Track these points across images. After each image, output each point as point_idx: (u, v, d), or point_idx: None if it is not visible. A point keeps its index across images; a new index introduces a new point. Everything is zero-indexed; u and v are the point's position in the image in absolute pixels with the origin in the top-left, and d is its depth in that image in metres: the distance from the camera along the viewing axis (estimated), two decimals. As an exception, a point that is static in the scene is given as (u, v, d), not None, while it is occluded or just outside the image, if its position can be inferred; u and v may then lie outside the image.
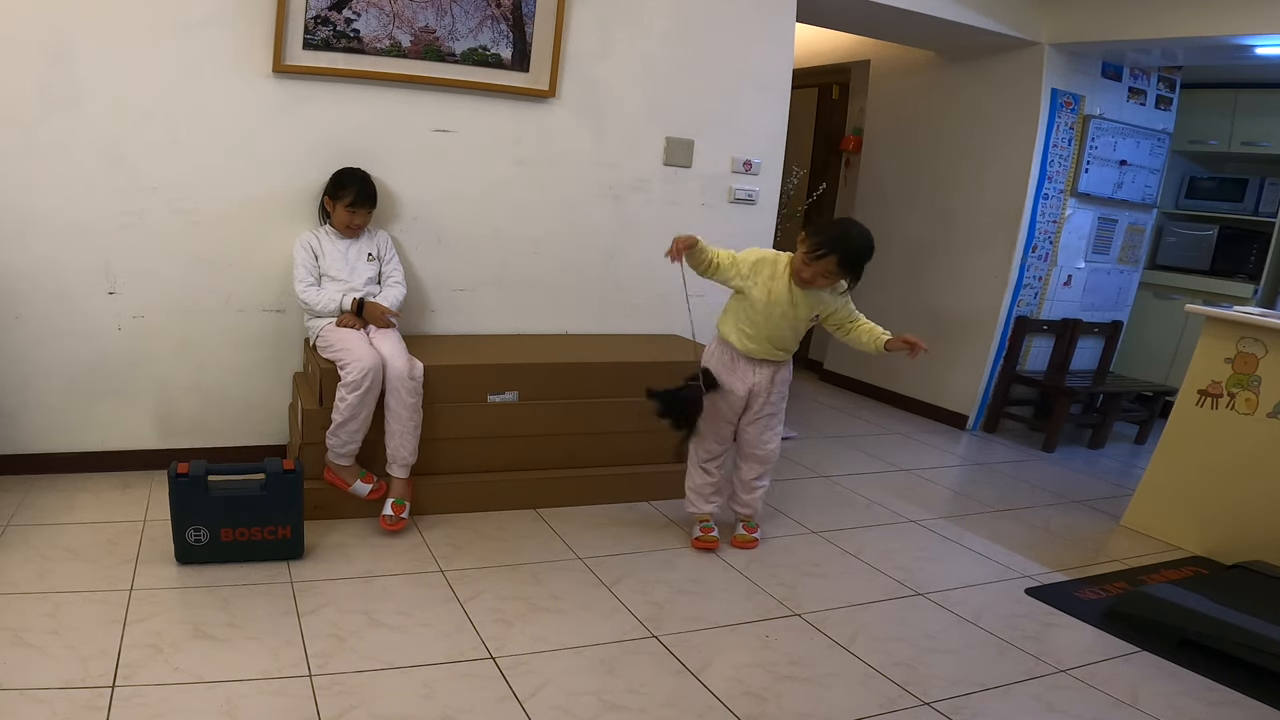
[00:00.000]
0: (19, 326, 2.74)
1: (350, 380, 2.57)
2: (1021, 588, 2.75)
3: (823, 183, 5.45)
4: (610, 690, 1.99)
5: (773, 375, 2.72)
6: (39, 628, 1.99)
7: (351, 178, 2.84)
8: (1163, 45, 4.01)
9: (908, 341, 2.55)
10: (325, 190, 2.87)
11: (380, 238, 2.98)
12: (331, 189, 2.85)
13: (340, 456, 2.67)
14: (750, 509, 2.88)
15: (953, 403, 4.75)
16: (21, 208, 2.66)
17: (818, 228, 2.51)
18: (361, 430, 2.65)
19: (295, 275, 2.82)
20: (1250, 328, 3.11)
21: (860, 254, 2.48)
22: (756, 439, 2.79)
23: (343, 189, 2.82)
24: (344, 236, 2.88)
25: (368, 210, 2.87)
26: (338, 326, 2.76)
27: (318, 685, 1.88)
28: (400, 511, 2.69)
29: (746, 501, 2.87)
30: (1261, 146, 4.90)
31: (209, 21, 2.72)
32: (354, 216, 2.84)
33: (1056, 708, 2.09)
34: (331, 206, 2.86)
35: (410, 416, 2.69)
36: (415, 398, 2.69)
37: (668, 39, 3.38)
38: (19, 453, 2.83)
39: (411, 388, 2.68)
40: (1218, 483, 3.15)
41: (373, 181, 2.88)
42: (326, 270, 2.85)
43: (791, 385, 2.85)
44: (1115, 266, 4.90)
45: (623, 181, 3.44)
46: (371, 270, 2.92)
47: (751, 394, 2.73)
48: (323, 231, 2.89)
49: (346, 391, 2.58)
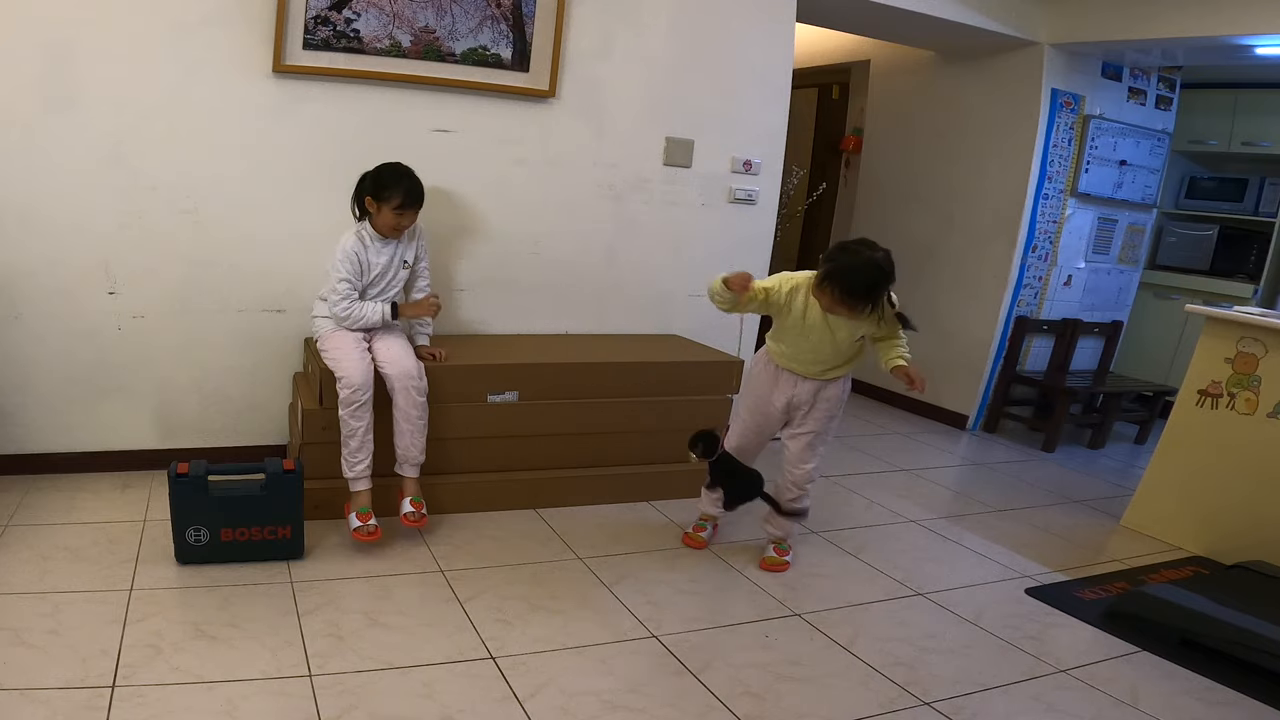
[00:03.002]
0: (19, 326, 2.74)
1: (341, 399, 2.55)
2: (1021, 588, 2.75)
3: (823, 183, 5.44)
4: (610, 690, 1.99)
5: (816, 391, 2.60)
6: (39, 628, 1.99)
7: (397, 177, 2.62)
8: (1163, 45, 4.01)
9: (909, 375, 2.47)
10: (364, 188, 2.67)
11: (419, 239, 2.83)
12: (374, 189, 2.63)
13: (351, 474, 2.61)
14: (782, 531, 2.75)
15: (953, 403, 4.75)
16: (21, 208, 2.66)
17: (828, 255, 2.39)
18: (363, 448, 2.59)
19: (333, 287, 2.63)
20: (1250, 328, 3.11)
21: (863, 287, 2.31)
22: (796, 457, 2.66)
23: (388, 190, 2.60)
24: (387, 241, 2.71)
25: (416, 211, 2.68)
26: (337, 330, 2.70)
27: (318, 685, 1.88)
28: (420, 508, 2.65)
29: (779, 523, 2.75)
30: (1261, 146, 4.90)
31: (209, 21, 2.71)
32: (402, 219, 2.64)
33: (1056, 708, 2.09)
34: (375, 208, 2.63)
35: (419, 416, 2.66)
36: (423, 397, 2.67)
37: (668, 39, 3.38)
38: (19, 453, 2.83)
39: (420, 388, 2.65)
40: (1218, 483, 3.15)
41: (418, 177, 2.67)
42: (367, 282, 2.69)
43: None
44: (1115, 266, 4.90)
45: (623, 181, 3.44)
46: (402, 282, 2.81)
47: (790, 407, 2.63)
48: (366, 235, 2.68)
49: (340, 410, 2.57)
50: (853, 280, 2.31)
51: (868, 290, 2.33)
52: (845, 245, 2.39)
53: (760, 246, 3.77)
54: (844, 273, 2.32)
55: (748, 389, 2.77)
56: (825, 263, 2.37)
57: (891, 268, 2.35)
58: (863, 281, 2.31)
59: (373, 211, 2.66)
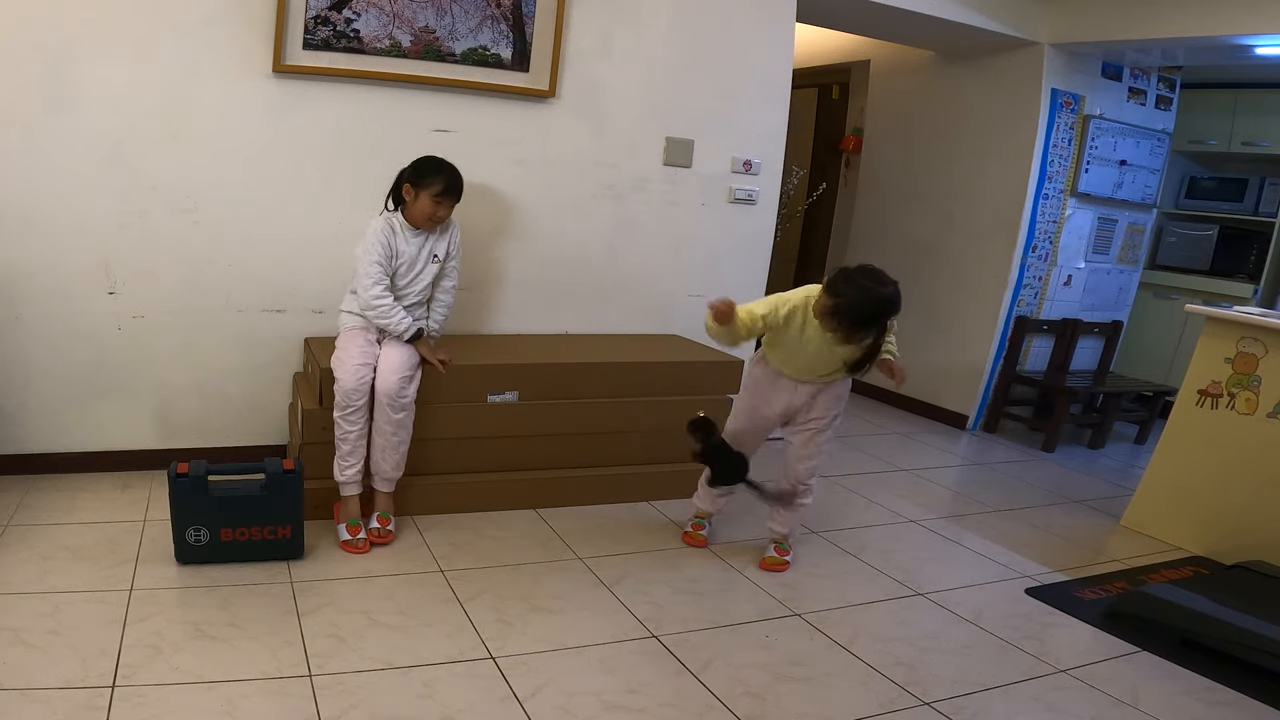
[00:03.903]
0: (19, 326, 2.74)
1: (335, 401, 2.56)
2: (1021, 588, 2.75)
3: (823, 183, 5.45)
4: (610, 690, 1.99)
5: (815, 393, 2.62)
6: (39, 628, 1.99)
7: (439, 165, 2.62)
8: (1163, 45, 4.01)
9: (891, 368, 2.49)
10: (402, 177, 2.66)
11: (453, 233, 2.79)
12: (414, 176, 2.62)
13: (341, 479, 2.60)
14: (785, 529, 2.74)
15: (953, 403, 4.75)
16: (21, 208, 2.66)
17: (831, 282, 2.34)
18: (354, 452, 2.58)
19: (364, 270, 2.58)
20: (1250, 328, 3.11)
21: (865, 321, 2.33)
22: (799, 452, 2.66)
23: (429, 177, 2.59)
24: (418, 232, 2.68)
25: (453, 202, 2.66)
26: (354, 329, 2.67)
27: (317, 685, 1.88)
28: (386, 524, 2.62)
29: (783, 519, 2.72)
30: (1261, 146, 4.90)
31: (209, 21, 2.71)
32: (439, 209, 2.63)
33: (1056, 708, 2.09)
34: (412, 195, 2.61)
35: (394, 433, 2.60)
36: (401, 414, 2.60)
37: (668, 39, 3.38)
38: (19, 453, 2.83)
39: (397, 405, 2.58)
40: (1218, 483, 3.15)
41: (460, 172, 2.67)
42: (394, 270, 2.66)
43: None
44: (1115, 266, 4.90)
45: (623, 181, 3.44)
46: (431, 276, 2.75)
47: (789, 411, 2.65)
48: (396, 222, 2.65)
49: (334, 412, 2.57)
50: (863, 316, 2.32)
51: (876, 322, 2.36)
52: (852, 278, 2.33)
53: (760, 246, 3.77)
54: (855, 309, 2.31)
55: (745, 391, 2.77)
56: (833, 295, 2.32)
57: (899, 301, 2.36)
58: (873, 317, 2.34)
59: (409, 200, 2.64)
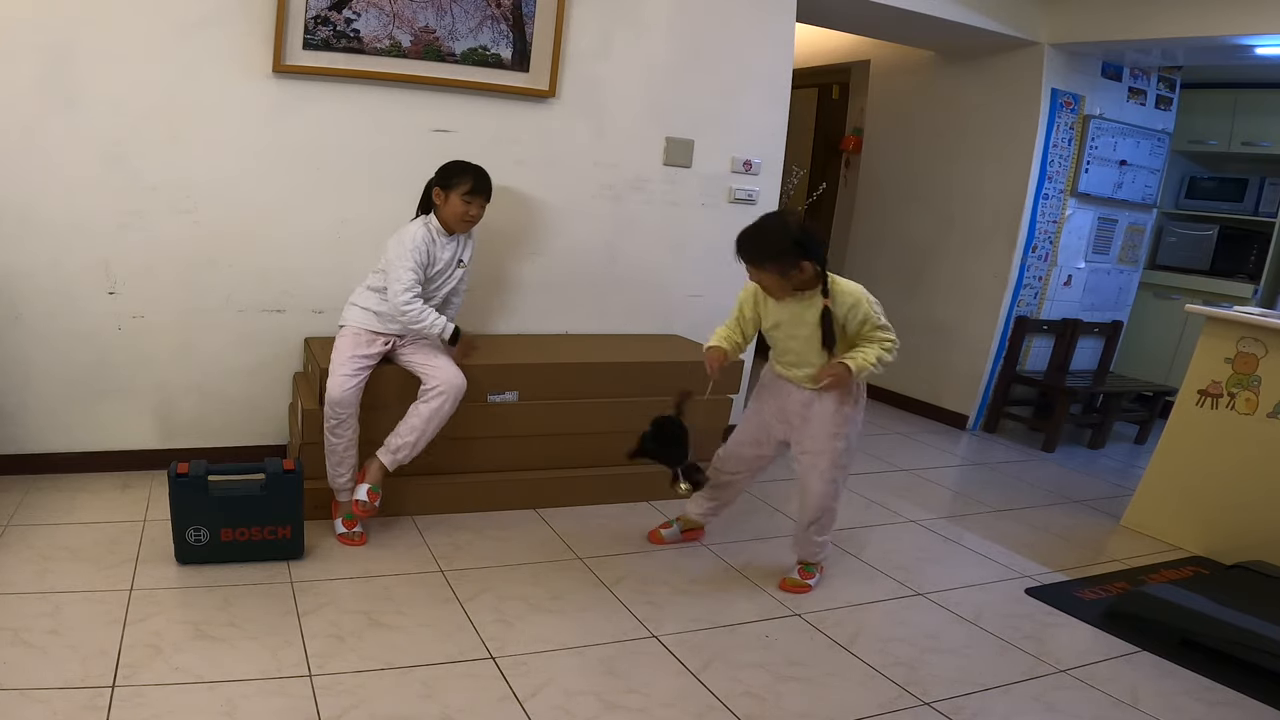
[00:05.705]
0: (19, 326, 2.74)
1: (324, 412, 2.55)
2: (1021, 588, 2.75)
3: (823, 183, 5.45)
4: (610, 690, 1.99)
5: (809, 402, 2.47)
6: (39, 628, 1.99)
7: (464, 165, 2.63)
8: (1163, 45, 4.01)
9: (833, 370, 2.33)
10: (431, 183, 2.67)
11: (471, 240, 2.80)
12: (441, 179, 2.63)
13: (335, 485, 2.61)
14: (805, 553, 2.61)
15: (953, 403, 4.74)
16: (21, 208, 2.66)
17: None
18: (344, 461, 2.58)
19: (397, 275, 2.54)
20: (1250, 328, 3.11)
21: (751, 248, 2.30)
22: (803, 476, 2.53)
23: (457, 177, 2.60)
24: (451, 237, 2.69)
25: (485, 200, 2.66)
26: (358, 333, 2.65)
27: (317, 685, 1.88)
28: (374, 499, 2.57)
29: (801, 541, 2.61)
30: (1261, 146, 4.90)
31: (209, 21, 2.71)
32: (470, 208, 2.62)
33: (1056, 708, 2.09)
34: (442, 199, 2.61)
35: (431, 417, 2.59)
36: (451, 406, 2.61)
37: (668, 39, 3.38)
38: (19, 453, 2.83)
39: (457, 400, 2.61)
40: (1218, 483, 3.15)
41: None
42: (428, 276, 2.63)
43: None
44: (1115, 266, 4.90)
45: (623, 181, 3.44)
46: (456, 280, 2.75)
47: (784, 414, 2.54)
48: (433, 228, 2.64)
49: (324, 422, 2.56)
50: (746, 244, 2.32)
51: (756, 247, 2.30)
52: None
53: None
54: (740, 242, 2.32)
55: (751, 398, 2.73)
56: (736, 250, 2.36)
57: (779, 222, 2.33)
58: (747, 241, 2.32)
59: (439, 203, 2.63)
